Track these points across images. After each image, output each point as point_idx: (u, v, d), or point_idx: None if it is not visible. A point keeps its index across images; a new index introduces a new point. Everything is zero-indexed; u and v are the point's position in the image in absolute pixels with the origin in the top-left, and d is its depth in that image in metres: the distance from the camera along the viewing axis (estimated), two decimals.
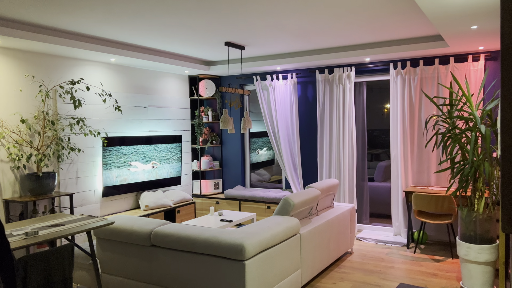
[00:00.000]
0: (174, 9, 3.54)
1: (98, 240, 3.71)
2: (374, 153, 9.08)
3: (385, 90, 8.74)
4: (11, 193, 4.34)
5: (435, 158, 5.26)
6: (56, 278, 2.72)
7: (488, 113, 3.81)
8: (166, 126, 6.35)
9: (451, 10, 3.18)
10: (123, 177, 5.49)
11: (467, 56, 5.05)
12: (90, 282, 3.72)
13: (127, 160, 5.53)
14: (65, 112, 4.88)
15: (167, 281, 3.29)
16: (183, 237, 3.18)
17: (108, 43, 4.72)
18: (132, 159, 5.61)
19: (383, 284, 3.96)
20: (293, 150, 6.24)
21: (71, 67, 4.97)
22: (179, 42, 4.83)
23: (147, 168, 5.83)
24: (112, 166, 5.34)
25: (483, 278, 3.65)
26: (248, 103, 6.90)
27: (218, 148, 7.01)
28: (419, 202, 4.74)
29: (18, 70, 4.42)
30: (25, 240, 2.64)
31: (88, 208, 5.17)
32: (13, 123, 4.36)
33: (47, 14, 3.63)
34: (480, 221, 3.65)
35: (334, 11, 3.66)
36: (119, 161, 5.43)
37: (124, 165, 5.50)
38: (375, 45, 5.05)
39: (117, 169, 5.41)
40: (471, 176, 3.74)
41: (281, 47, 5.22)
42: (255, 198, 6.16)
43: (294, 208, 3.76)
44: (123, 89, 5.66)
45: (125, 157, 5.50)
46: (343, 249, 4.60)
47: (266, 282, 3.16)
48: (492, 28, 3.80)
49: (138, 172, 5.70)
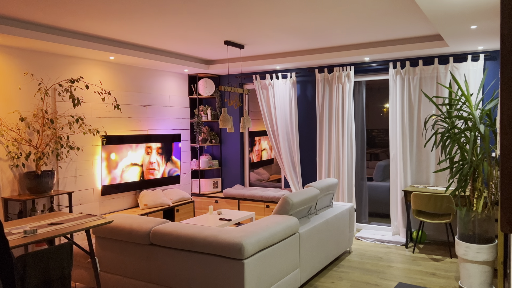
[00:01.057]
0: (174, 8, 3.53)
1: (97, 238, 3.71)
2: (373, 152, 9.08)
3: (384, 89, 8.73)
4: (10, 191, 4.34)
5: (434, 158, 5.26)
6: (55, 277, 2.72)
7: (487, 113, 3.81)
8: (165, 125, 6.35)
9: (450, 10, 3.18)
10: (122, 176, 5.49)
11: (466, 55, 5.05)
12: (89, 280, 3.72)
13: (126, 159, 5.53)
14: (64, 111, 4.88)
15: (166, 280, 3.29)
16: (182, 236, 3.18)
17: (108, 42, 4.71)
18: (132, 158, 5.61)
19: (382, 283, 3.97)
20: (292, 149, 6.24)
21: (70, 66, 4.96)
22: (179, 40, 4.83)
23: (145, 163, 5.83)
24: (111, 165, 5.33)
25: (481, 277, 3.66)
26: (247, 102, 6.90)
27: (217, 147, 7.01)
28: (418, 201, 4.74)
29: (17, 68, 4.41)
30: (24, 239, 2.64)
31: (87, 207, 5.17)
32: (12, 121, 4.35)
33: (46, 12, 3.62)
34: (478, 221, 3.66)
35: (334, 11, 3.66)
36: (118, 160, 5.42)
37: (123, 164, 5.50)
38: (374, 45, 5.05)
39: (116, 167, 5.40)
40: (470, 176, 3.74)
41: (280, 46, 5.21)
42: (254, 197, 6.16)
43: (293, 207, 3.76)
44: (122, 87, 5.65)
45: (124, 155, 5.49)
46: (342, 248, 4.60)
47: (265, 281, 3.16)
48: (492, 28, 3.80)
49: (137, 171, 5.69)
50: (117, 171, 5.42)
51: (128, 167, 5.59)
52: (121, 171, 5.47)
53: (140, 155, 5.75)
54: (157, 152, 6.01)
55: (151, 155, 5.93)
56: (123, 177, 5.51)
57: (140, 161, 5.75)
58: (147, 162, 5.86)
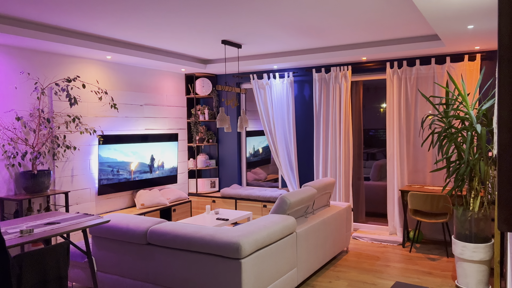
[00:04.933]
0: (171, 7, 3.52)
1: (94, 238, 3.70)
2: (370, 152, 9.10)
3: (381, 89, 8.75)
4: (6, 191, 4.32)
5: (431, 157, 5.27)
6: (51, 276, 2.71)
7: (484, 113, 3.82)
8: (162, 124, 6.34)
9: (448, 10, 3.19)
10: (119, 176, 5.47)
11: (463, 55, 5.07)
12: (85, 280, 3.71)
13: (122, 159, 5.51)
14: (61, 110, 4.86)
15: (163, 280, 3.29)
16: (179, 235, 3.17)
17: (104, 41, 4.70)
18: (128, 158, 5.59)
19: (379, 282, 3.98)
20: (289, 149, 6.25)
21: (67, 65, 4.94)
22: (176, 40, 4.82)
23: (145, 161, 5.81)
24: (108, 164, 5.32)
25: (478, 276, 3.67)
26: (244, 102, 6.89)
27: (214, 147, 7.00)
28: (414, 201, 4.75)
29: (13, 67, 4.39)
30: (20, 238, 2.63)
31: (84, 206, 5.15)
32: (8, 120, 4.33)
33: (42, 11, 3.60)
34: (475, 220, 3.67)
35: (331, 10, 3.66)
36: (115, 159, 5.41)
37: (120, 163, 5.48)
38: (371, 44, 5.06)
39: (113, 167, 5.39)
40: (466, 175, 3.75)
41: (278, 46, 5.21)
42: (251, 197, 6.16)
43: (290, 206, 3.76)
44: (119, 87, 5.64)
45: (121, 155, 5.48)
46: (339, 247, 4.61)
47: (262, 281, 3.16)
48: (489, 28, 3.81)
49: (133, 170, 5.68)
50: (114, 170, 5.40)
51: (126, 166, 5.57)
52: (117, 170, 5.45)
53: (137, 155, 5.73)
54: (154, 152, 5.99)
55: (148, 155, 5.91)
56: (120, 176, 5.49)
57: (137, 161, 5.73)
58: (144, 161, 5.84)
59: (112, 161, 5.36)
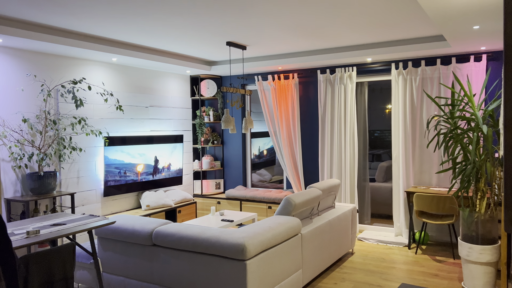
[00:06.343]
0: (176, 9, 3.54)
1: (99, 239, 3.71)
2: (375, 153, 9.07)
3: (386, 90, 8.72)
4: (13, 192, 4.35)
5: (437, 159, 5.25)
6: (57, 277, 2.72)
7: (490, 113, 3.80)
8: (167, 126, 6.36)
9: (453, 10, 3.17)
10: (126, 177, 5.49)
11: (469, 56, 5.04)
12: (91, 281, 3.72)
13: (129, 160, 5.53)
14: (67, 112, 4.89)
15: (168, 281, 3.29)
16: (184, 236, 3.18)
17: (110, 43, 4.72)
18: (135, 159, 5.61)
19: (385, 284, 3.96)
20: (294, 150, 6.24)
21: (73, 67, 4.97)
22: (181, 42, 4.83)
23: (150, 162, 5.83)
24: (113, 166, 5.34)
25: (484, 278, 3.65)
26: (249, 103, 6.90)
27: (219, 148, 7.01)
28: (420, 202, 4.73)
29: (19, 69, 4.42)
30: (26, 239, 2.65)
31: (89, 208, 5.18)
32: (15, 122, 4.36)
33: (49, 13, 3.63)
34: (481, 222, 3.65)
35: (336, 11, 3.66)
36: (122, 161, 5.43)
37: (127, 165, 5.50)
38: (376, 45, 5.05)
39: (120, 169, 5.41)
40: (472, 177, 3.73)
41: (282, 47, 5.21)
42: (256, 198, 6.16)
43: (295, 208, 3.76)
44: (125, 88, 5.66)
45: (127, 157, 5.50)
46: (344, 249, 4.59)
47: (267, 282, 3.16)
48: (494, 28, 3.79)
49: (140, 172, 5.70)
50: (119, 171, 5.42)
51: (131, 168, 5.59)
52: (123, 172, 5.47)
53: (144, 157, 5.75)
54: (159, 153, 6.01)
55: (154, 156, 5.93)
56: (126, 178, 5.51)
57: (142, 162, 5.75)
58: (149, 163, 5.86)
59: (119, 162, 5.39)
